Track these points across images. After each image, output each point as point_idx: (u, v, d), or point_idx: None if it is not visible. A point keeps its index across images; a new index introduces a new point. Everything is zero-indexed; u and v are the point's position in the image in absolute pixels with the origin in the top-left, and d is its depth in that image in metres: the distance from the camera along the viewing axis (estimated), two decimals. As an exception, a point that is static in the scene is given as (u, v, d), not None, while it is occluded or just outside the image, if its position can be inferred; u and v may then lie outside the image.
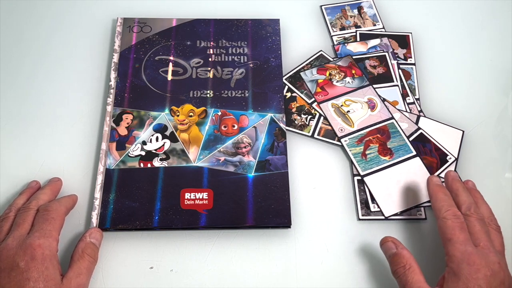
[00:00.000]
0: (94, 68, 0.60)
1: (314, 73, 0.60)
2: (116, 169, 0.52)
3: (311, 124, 0.57)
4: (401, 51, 0.62)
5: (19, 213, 0.46)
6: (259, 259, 0.49)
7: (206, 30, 0.62)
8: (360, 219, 0.52)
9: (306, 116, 0.57)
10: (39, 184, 0.52)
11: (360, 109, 0.57)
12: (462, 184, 0.50)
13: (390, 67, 0.60)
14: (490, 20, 0.67)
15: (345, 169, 0.55)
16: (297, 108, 0.58)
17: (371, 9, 0.66)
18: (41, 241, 0.43)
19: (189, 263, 0.49)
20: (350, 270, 0.49)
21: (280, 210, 0.50)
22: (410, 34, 0.64)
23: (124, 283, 0.47)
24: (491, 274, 0.41)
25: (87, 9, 0.65)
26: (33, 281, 0.41)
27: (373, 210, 0.52)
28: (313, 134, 0.56)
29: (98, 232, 0.48)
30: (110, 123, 0.55)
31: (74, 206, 0.51)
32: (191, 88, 0.58)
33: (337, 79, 0.59)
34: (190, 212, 0.50)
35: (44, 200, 0.48)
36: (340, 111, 0.57)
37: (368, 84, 0.59)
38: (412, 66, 0.61)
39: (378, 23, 0.65)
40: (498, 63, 0.63)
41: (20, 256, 0.42)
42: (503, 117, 0.59)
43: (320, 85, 0.59)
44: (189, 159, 0.53)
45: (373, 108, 0.57)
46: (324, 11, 0.66)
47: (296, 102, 0.58)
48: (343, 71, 0.60)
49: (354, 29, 0.64)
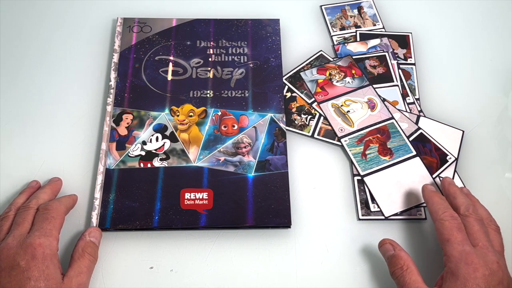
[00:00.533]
0: (94, 68, 0.60)
1: (314, 73, 0.60)
2: (116, 169, 0.52)
3: (311, 124, 0.57)
4: (401, 51, 0.62)
5: (19, 212, 0.46)
6: (259, 259, 0.49)
7: (206, 30, 0.62)
8: (360, 219, 0.51)
9: (306, 116, 0.57)
10: (39, 183, 0.52)
11: (360, 109, 0.57)
12: (459, 188, 0.50)
13: (390, 67, 0.60)
14: (490, 20, 0.67)
15: (345, 169, 0.55)
16: (297, 108, 0.58)
17: (371, 9, 0.66)
18: (42, 240, 0.43)
19: (189, 263, 0.49)
20: (350, 270, 0.49)
21: (280, 210, 0.50)
22: (410, 34, 0.64)
23: (124, 283, 0.47)
24: (489, 274, 0.41)
25: (87, 9, 0.65)
26: (34, 280, 0.41)
27: (373, 210, 0.52)
28: (313, 134, 0.56)
29: (97, 231, 0.48)
30: (110, 123, 0.55)
31: (74, 206, 0.51)
32: (191, 88, 0.58)
33: (337, 79, 0.59)
34: (190, 212, 0.50)
35: (44, 200, 0.48)
36: (340, 111, 0.57)
37: (368, 84, 0.59)
38: (412, 66, 0.61)
39: (378, 23, 0.65)
40: (498, 63, 0.63)
41: (20, 256, 0.42)
42: (503, 117, 0.59)
43: (320, 85, 0.59)
44: (189, 159, 0.53)
45: (373, 108, 0.57)
46: (324, 11, 0.66)
47: (296, 102, 0.58)
48: (343, 71, 0.60)
49: (354, 29, 0.64)
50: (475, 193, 0.51)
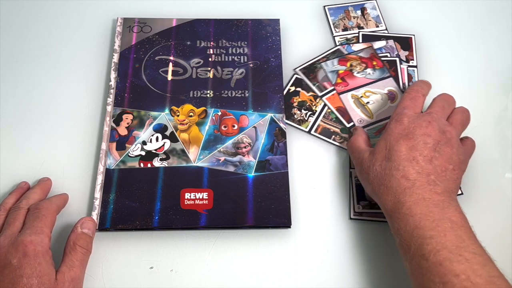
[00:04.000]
0: (94, 68, 0.60)
1: (335, 64, 0.60)
2: (116, 169, 0.52)
3: (309, 120, 0.57)
4: (403, 53, 0.62)
5: (10, 212, 0.46)
6: (259, 259, 0.49)
7: (206, 30, 0.62)
8: (351, 218, 0.51)
9: (306, 112, 0.57)
10: (28, 184, 0.51)
11: (380, 101, 0.58)
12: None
13: (398, 72, 0.60)
14: (490, 20, 0.67)
15: (345, 169, 0.55)
16: (298, 103, 0.58)
17: (374, 11, 0.66)
18: (33, 238, 0.43)
19: (189, 263, 0.49)
20: (350, 270, 0.49)
21: (280, 210, 0.50)
22: (413, 37, 0.64)
23: (124, 283, 0.47)
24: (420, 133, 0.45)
25: (87, 9, 0.65)
26: (26, 277, 0.41)
27: (357, 210, 0.52)
28: (310, 130, 0.56)
29: (90, 221, 0.47)
30: (110, 123, 0.55)
31: (65, 205, 0.50)
32: (191, 88, 0.58)
33: (358, 70, 0.60)
34: (190, 212, 0.50)
35: (34, 199, 0.48)
36: (360, 102, 0.57)
37: (389, 75, 0.59)
38: (414, 69, 0.61)
39: (381, 24, 0.65)
40: (498, 63, 0.63)
41: (12, 254, 0.42)
42: (503, 117, 0.59)
43: (341, 76, 0.59)
44: (189, 159, 0.53)
45: (392, 100, 0.58)
46: (327, 12, 0.66)
47: (299, 97, 0.59)
48: (364, 62, 0.60)
49: (357, 30, 0.64)
50: (475, 193, 0.51)
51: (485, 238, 0.43)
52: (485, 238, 0.43)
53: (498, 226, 0.51)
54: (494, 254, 0.42)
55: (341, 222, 0.52)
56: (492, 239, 0.44)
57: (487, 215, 0.51)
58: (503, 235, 0.47)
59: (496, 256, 0.42)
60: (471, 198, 0.53)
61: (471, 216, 0.43)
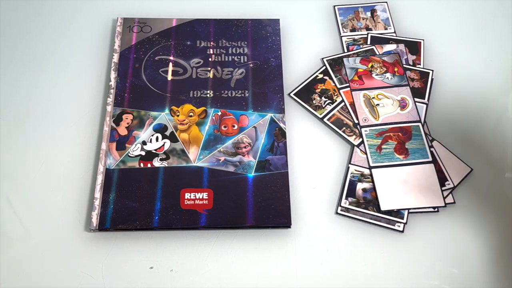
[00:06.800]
0: (94, 68, 0.60)
1: (357, 62, 0.61)
2: (116, 169, 0.52)
3: (326, 108, 0.58)
4: (410, 57, 0.62)
5: None
6: (259, 259, 0.49)
7: (206, 30, 0.62)
8: (337, 212, 0.52)
9: (326, 100, 0.58)
10: None
11: (390, 105, 0.58)
12: None
13: (428, 85, 0.59)
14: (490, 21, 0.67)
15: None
16: (321, 90, 0.59)
17: (384, 13, 0.66)
18: None
19: (189, 263, 0.49)
20: (350, 270, 0.49)
21: (280, 210, 0.50)
22: (422, 41, 0.63)
23: (124, 283, 0.47)
24: None
25: (87, 9, 0.65)
26: None
27: (344, 205, 0.52)
28: (324, 117, 0.57)
29: None
30: (110, 123, 0.55)
31: None
32: (191, 88, 0.58)
33: (377, 72, 0.60)
34: (190, 212, 0.50)
35: None
36: (370, 102, 0.57)
37: (406, 84, 0.59)
38: (423, 105, 0.60)
39: (390, 27, 0.65)
40: (498, 63, 0.63)
41: None
42: (503, 117, 0.59)
43: (359, 74, 0.60)
44: (189, 159, 0.53)
45: (403, 108, 0.58)
46: (336, 11, 0.66)
47: (324, 84, 0.59)
48: (386, 66, 0.60)
49: (365, 31, 0.64)
50: (475, 193, 0.51)
51: (485, 238, 0.43)
52: (485, 238, 0.43)
53: (498, 226, 0.51)
54: (495, 254, 0.42)
55: (341, 222, 0.52)
56: (492, 239, 0.44)
57: (487, 216, 0.51)
58: (503, 235, 0.47)
59: (496, 256, 0.42)
60: (471, 198, 0.53)
61: (471, 217, 0.43)
